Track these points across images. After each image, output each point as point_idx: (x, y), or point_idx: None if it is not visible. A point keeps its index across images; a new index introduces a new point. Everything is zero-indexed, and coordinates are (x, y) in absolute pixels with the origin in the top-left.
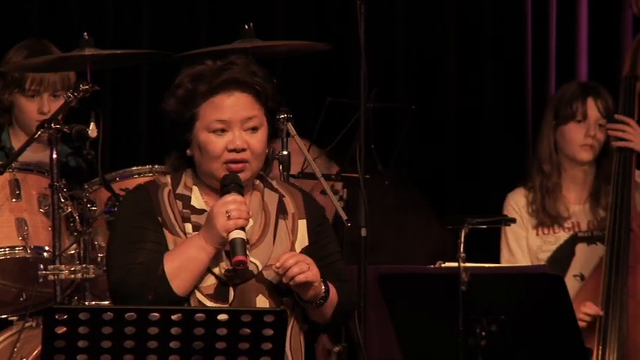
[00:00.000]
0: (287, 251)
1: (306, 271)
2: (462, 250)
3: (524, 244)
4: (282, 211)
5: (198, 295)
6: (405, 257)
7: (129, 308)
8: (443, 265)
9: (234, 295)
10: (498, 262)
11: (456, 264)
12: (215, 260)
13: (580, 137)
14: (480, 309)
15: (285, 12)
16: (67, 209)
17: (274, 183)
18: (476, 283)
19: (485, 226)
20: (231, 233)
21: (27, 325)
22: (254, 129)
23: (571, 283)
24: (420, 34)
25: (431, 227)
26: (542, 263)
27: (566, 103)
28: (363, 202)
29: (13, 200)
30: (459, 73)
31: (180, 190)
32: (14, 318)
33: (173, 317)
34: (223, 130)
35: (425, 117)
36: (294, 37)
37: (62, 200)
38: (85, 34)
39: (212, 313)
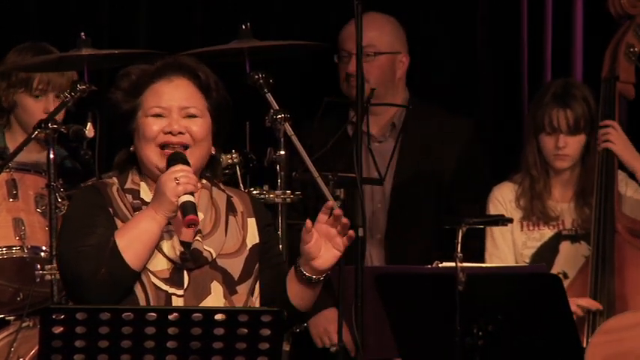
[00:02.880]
0: (238, 244)
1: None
2: (459, 249)
3: (509, 238)
4: (231, 209)
5: (154, 278)
6: None
7: (126, 308)
8: (440, 265)
9: (189, 280)
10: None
11: (453, 264)
12: (169, 244)
13: (552, 148)
14: (477, 309)
15: (283, 12)
16: (64, 209)
17: (221, 185)
18: (473, 283)
19: (482, 226)
20: (180, 198)
21: (24, 324)
22: (193, 116)
23: None
24: (415, 33)
25: None
26: (526, 259)
27: (539, 114)
28: (360, 202)
29: (10, 200)
30: (454, 73)
31: (128, 185)
32: (11, 318)
33: (170, 317)
34: (161, 115)
35: None
36: (292, 37)
37: (59, 200)
38: (82, 34)
39: (209, 312)
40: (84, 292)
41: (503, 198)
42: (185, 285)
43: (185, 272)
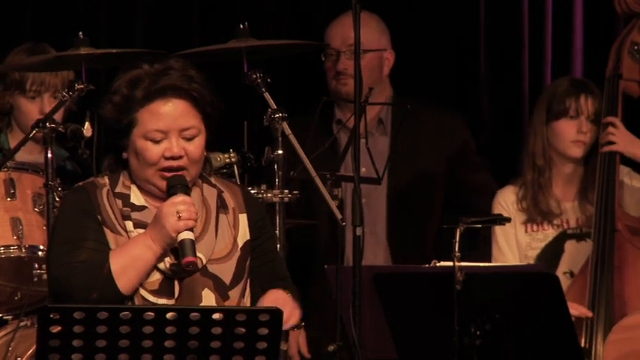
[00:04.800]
0: (230, 245)
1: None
2: (457, 249)
3: (512, 241)
4: (222, 205)
5: (142, 291)
6: None
7: (124, 307)
8: (438, 265)
9: (179, 290)
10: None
11: (451, 263)
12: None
13: (572, 133)
14: (475, 308)
15: (280, 11)
16: None
17: (212, 179)
18: (471, 283)
19: (480, 226)
20: (180, 234)
21: (22, 324)
22: (191, 138)
23: (561, 280)
24: (415, 33)
25: None
26: (531, 261)
27: (559, 98)
28: (357, 202)
29: (8, 199)
30: (454, 72)
31: (119, 189)
32: (9, 317)
33: (168, 316)
34: (161, 139)
35: None
36: (289, 36)
37: (57, 199)
38: (80, 33)
39: (207, 312)
40: None
41: (505, 201)
42: (176, 295)
43: (176, 282)
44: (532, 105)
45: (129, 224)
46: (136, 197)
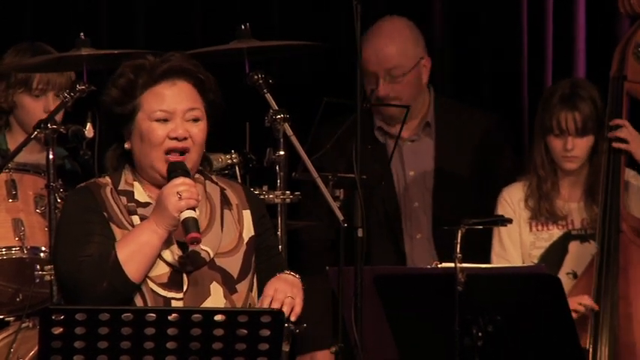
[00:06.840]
0: (236, 240)
1: (294, 303)
2: (458, 250)
3: (516, 238)
4: (225, 202)
5: (151, 284)
6: None
7: (126, 309)
8: (439, 266)
9: (188, 283)
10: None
11: (452, 264)
12: (167, 248)
13: (560, 150)
14: (477, 309)
15: (281, 12)
16: None
17: (214, 177)
18: (472, 284)
19: (481, 227)
20: (182, 213)
21: (23, 325)
22: (196, 119)
23: (564, 281)
24: None
25: None
26: (535, 259)
27: (547, 116)
28: (359, 203)
29: (10, 200)
30: (454, 73)
31: (121, 186)
32: (11, 318)
33: (169, 318)
34: (166, 120)
35: None
36: (291, 37)
37: (58, 200)
38: (82, 34)
39: (209, 313)
40: (84, 302)
41: (511, 198)
42: (184, 288)
43: (184, 275)
44: (531, 108)
45: (135, 219)
46: (140, 194)
